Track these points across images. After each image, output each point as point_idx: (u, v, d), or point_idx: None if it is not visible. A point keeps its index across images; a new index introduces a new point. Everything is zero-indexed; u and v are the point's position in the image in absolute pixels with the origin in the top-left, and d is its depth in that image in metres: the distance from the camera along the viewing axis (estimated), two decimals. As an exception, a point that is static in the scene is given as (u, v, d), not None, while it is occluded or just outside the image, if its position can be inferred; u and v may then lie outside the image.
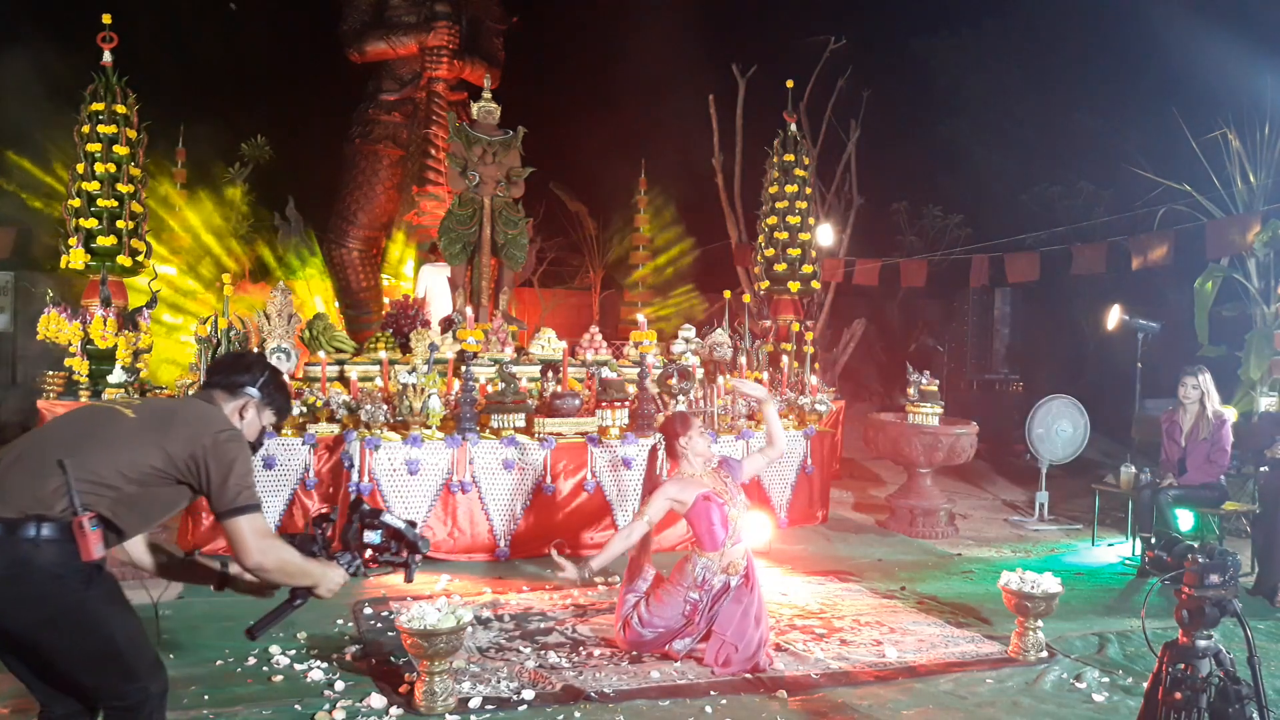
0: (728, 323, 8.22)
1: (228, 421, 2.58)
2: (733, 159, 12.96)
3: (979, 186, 14.87)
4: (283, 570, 2.51)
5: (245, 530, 2.42)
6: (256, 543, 2.43)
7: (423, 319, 7.73)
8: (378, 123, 10.85)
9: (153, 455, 2.40)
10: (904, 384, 7.66)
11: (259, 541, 2.44)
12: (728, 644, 4.12)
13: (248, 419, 2.67)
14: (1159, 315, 8.70)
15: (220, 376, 2.70)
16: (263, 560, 2.45)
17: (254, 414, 2.69)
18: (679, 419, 4.39)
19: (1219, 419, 6.13)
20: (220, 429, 2.50)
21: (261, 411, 2.71)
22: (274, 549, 2.48)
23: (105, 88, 7.15)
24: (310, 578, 2.58)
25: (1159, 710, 2.62)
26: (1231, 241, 8.27)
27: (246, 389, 2.67)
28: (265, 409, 2.71)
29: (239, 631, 2.96)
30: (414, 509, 6.00)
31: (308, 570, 2.57)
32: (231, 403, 2.66)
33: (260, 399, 2.69)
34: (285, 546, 2.53)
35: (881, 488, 9.16)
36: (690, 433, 4.31)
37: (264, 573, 2.49)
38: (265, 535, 2.47)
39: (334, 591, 2.62)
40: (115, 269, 7.19)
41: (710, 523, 4.19)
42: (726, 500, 4.24)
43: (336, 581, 2.64)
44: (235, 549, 2.44)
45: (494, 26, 11.27)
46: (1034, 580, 4.33)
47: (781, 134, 9.57)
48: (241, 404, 2.66)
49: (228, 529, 2.43)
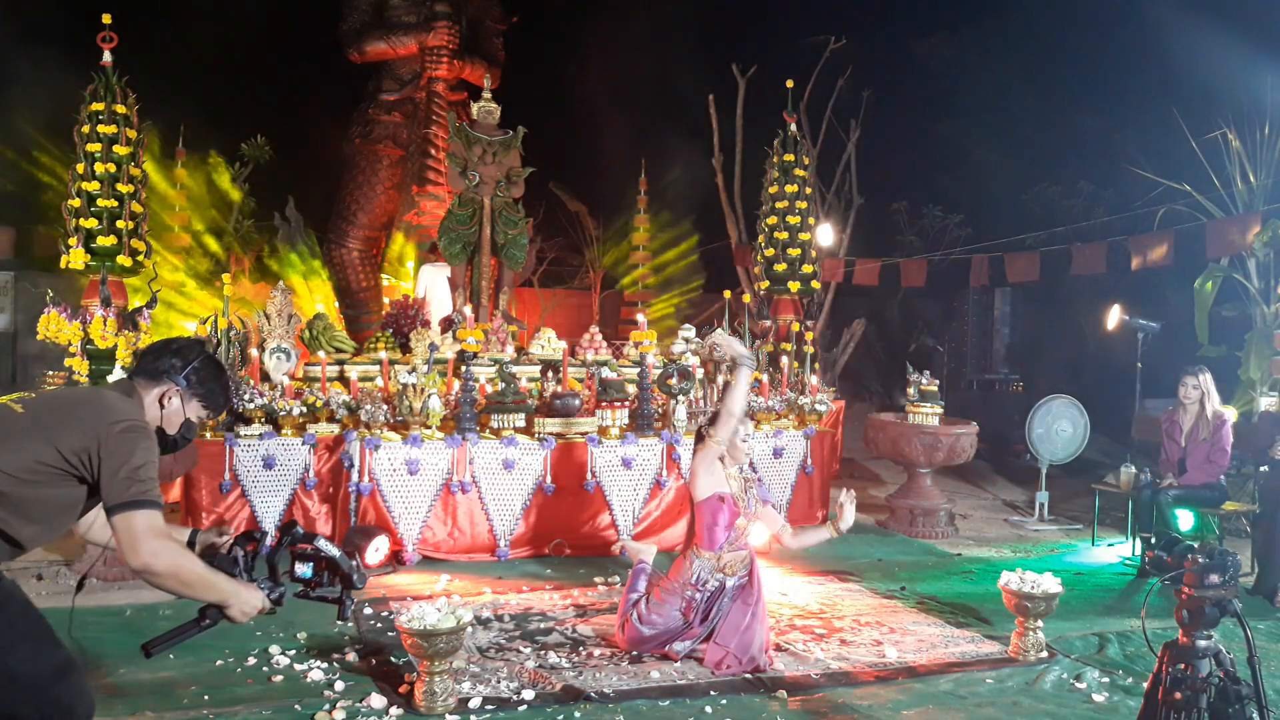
0: (728, 323, 8.22)
1: (130, 412, 2.33)
2: (733, 159, 12.96)
3: (979, 186, 14.86)
4: (177, 577, 2.19)
5: (137, 527, 2.16)
6: (148, 543, 2.15)
7: (423, 319, 7.73)
8: (378, 123, 10.85)
9: (42, 451, 2.21)
10: (904, 384, 7.66)
11: (151, 542, 2.16)
12: (728, 646, 4.11)
13: (169, 409, 2.44)
14: (1159, 315, 8.71)
15: (147, 361, 2.47)
16: (152, 562, 2.15)
17: (178, 404, 2.45)
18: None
19: (1219, 419, 6.13)
20: (119, 419, 2.27)
21: (187, 402, 2.47)
22: (168, 552, 2.18)
23: (105, 88, 7.15)
24: (216, 593, 2.26)
25: (1159, 710, 2.62)
26: (1231, 241, 8.27)
27: (170, 376, 2.44)
28: (191, 399, 2.47)
29: (238, 631, 2.97)
30: (414, 509, 6.00)
31: (212, 584, 2.25)
32: (153, 390, 2.43)
33: (185, 387, 2.45)
34: (185, 553, 2.26)
35: (881, 488, 9.16)
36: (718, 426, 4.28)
37: (154, 577, 2.17)
38: (160, 536, 2.19)
39: (250, 615, 2.31)
40: (115, 269, 7.19)
41: (714, 522, 4.20)
42: (740, 508, 4.24)
43: (252, 605, 2.31)
44: (121, 548, 2.17)
45: (494, 26, 11.27)
46: (1034, 580, 4.33)
47: (781, 134, 9.57)
48: (163, 391, 2.43)
49: (115, 525, 2.18)
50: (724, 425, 4.14)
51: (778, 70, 10.45)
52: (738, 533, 4.23)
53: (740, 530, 4.23)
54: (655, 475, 6.53)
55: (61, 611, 4.72)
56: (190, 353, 2.49)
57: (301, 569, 2.42)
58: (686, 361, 7.12)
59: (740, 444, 4.30)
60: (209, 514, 5.92)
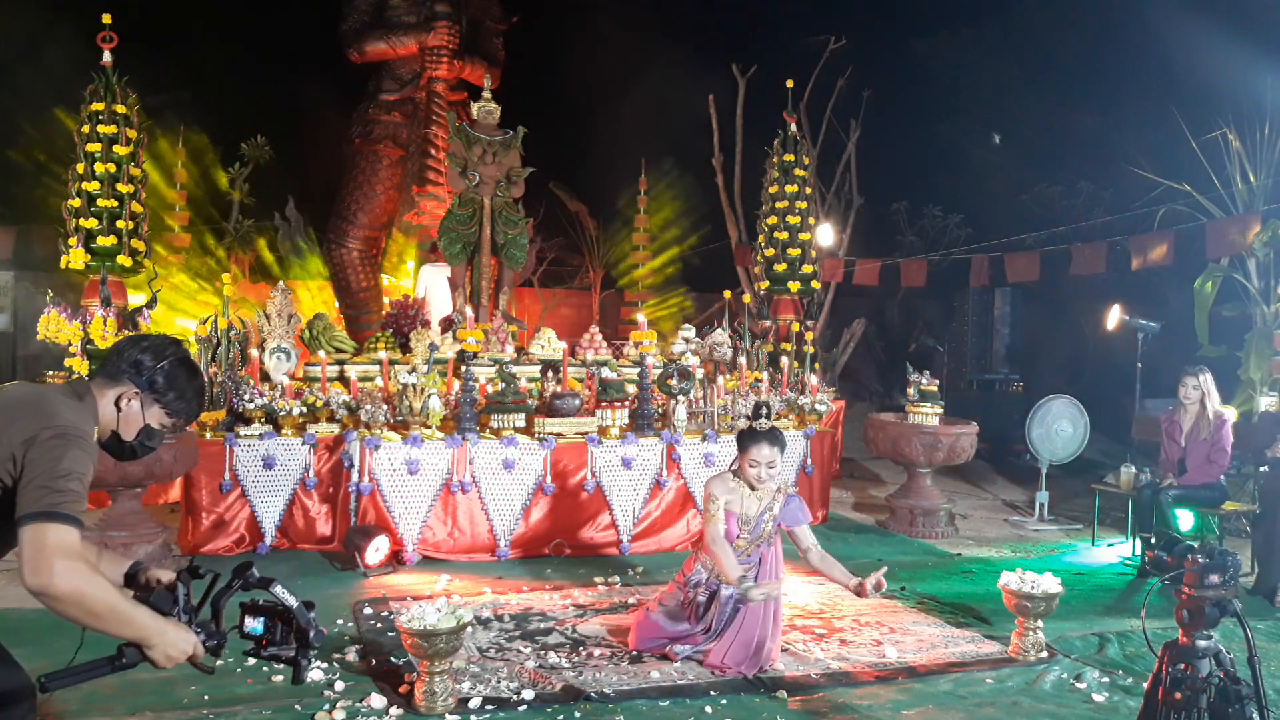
0: (728, 323, 8.22)
1: (69, 417, 2.05)
2: (733, 159, 12.97)
3: (979, 186, 14.87)
4: (81, 604, 1.85)
5: (47, 540, 1.85)
6: (55, 560, 1.84)
7: (423, 319, 7.73)
8: (378, 123, 10.85)
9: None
10: (904, 384, 7.66)
11: (58, 560, 1.84)
12: (727, 648, 4.11)
13: (126, 412, 2.19)
14: (1159, 315, 8.71)
15: (109, 359, 2.23)
16: (54, 583, 1.82)
17: (136, 407, 2.19)
18: (749, 436, 4.16)
19: (1219, 419, 6.13)
20: (53, 424, 2.00)
21: (147, 406, 2.21)
22: (76, 574, 1.84)
23: (105, 88, 7.15)
24: (133, 629, 1.92)
25: (1159, 710, 2.62)
26: (1231, 241, 8.27)
27: (130, 376, 2.19)
28: (153, 404, 2.22)
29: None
30: (414, 509, 6.00)
31: (127, 618, 1.91)
32: (111, 390, 2.18)
33: (147, 390, 2.20)
34: (97, 579, 1.89)
35: (881, 488, 9.16)
36: (747, 457, 4.14)
37: (54, 601, 1.84)
38: (71, 556, 1.86)
39: (175, 660, 1.97)
40: (115, 269, 7.19)
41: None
42: (744, 530, 4.16)
43: (179, 648, 1.96)
44: (22, 562, 1.86)
45: (494, 26, 11.27)
46: (1034, 580, 4.32)
47: (781, 134, 9.57)
48: (120, 393, 2.18)
49: (22, 537, 1.87)
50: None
51: (778, 70, 10.46)
52: (743, 552, 4.18)
53: (743, 551, 4.18)
54: (655, 475, 6.53)
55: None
56: (159, 352, 2.23)
57: (251, 624, 2.07)
58: (686, 361, 7.12)
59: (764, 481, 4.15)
60: (209, 514, 5.92)
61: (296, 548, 6.08)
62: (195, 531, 5.92)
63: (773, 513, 4.20)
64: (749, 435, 4.16)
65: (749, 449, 4.13)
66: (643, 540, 6.46)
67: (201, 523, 5.91)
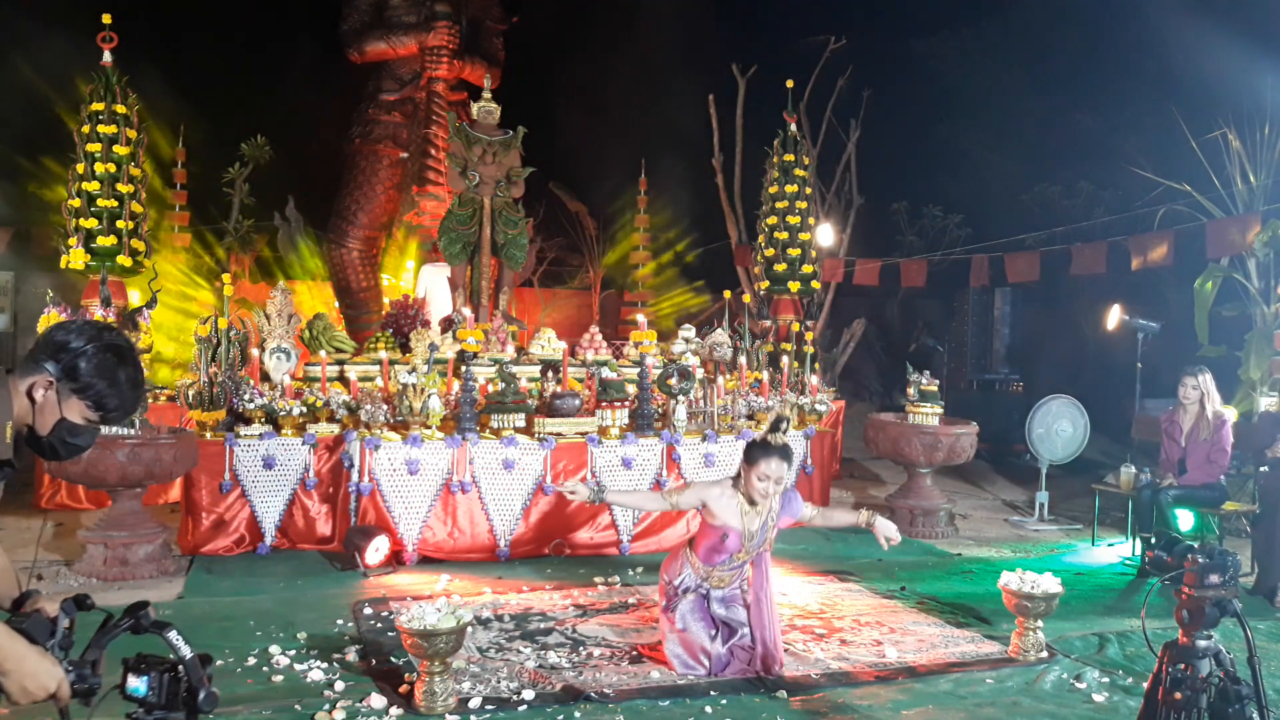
0: (728, 323, 8.22)
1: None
2: (733, 159, 12.97)
3: (979, 186, 14.87)
4: None
5: None
6: None
7: (423, 319, 7.73)
8: (378, 123, 10.85)
9: None
10: (904, 384, 7.66)
11: None
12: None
13: (40, 403, 1.91)
14: (1159, 315, 8.71)
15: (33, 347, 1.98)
16: None
17: (51, 398, 1.91)
18: (761, 450, 3.99)
19: (1219, 419, 6.12)
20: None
21: (64, 399, 1.92)
22: None
23: (105, 88, 7.15)
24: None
25: (1159, 710, 2.62)
26: (1231, 241, 8.27)
27: (43, 364, 1.90)
28: (71, 396, 1.92)
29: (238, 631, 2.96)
30: (414, 509, 6.00)
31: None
32: (26, 379, 1.91)
33: (61, 379, 1.91)
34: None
35: (881, 488, 9.16)
36: (756, 470, 3.98)
37: None
38: None
39: (33, 697, 1.74)
40: (115, 269, 7.19)
41: (714, 548, 4.09)
42: (746, 545, 4.06)
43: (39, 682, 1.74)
44: None
45: (494, 26, 11.28)
46: (1034, 580, 4.32)
47: (781, 134, 9.58)
48: (32, 382, 1.90)
49: None
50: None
51: (778, 70, 10.47)
52: (736, 561, 4.11)
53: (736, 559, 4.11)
54: (655, 475, 6.53)
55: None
56: (80, 337, 1.93)
57: (134, 683, 1.80)
58: (686, 361, 7.12)
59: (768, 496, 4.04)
60: (209, 514, 5.92)
61: (296, 548, 6.08)
62: (195, 531, 5.92)
63: (773, 518, 4.11)
64: (762, 449, 3.96)
65: (759, 462, 3.94)
66: (643, 540, 6.46)
67: (201, 523, 5.91)
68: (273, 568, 5.72)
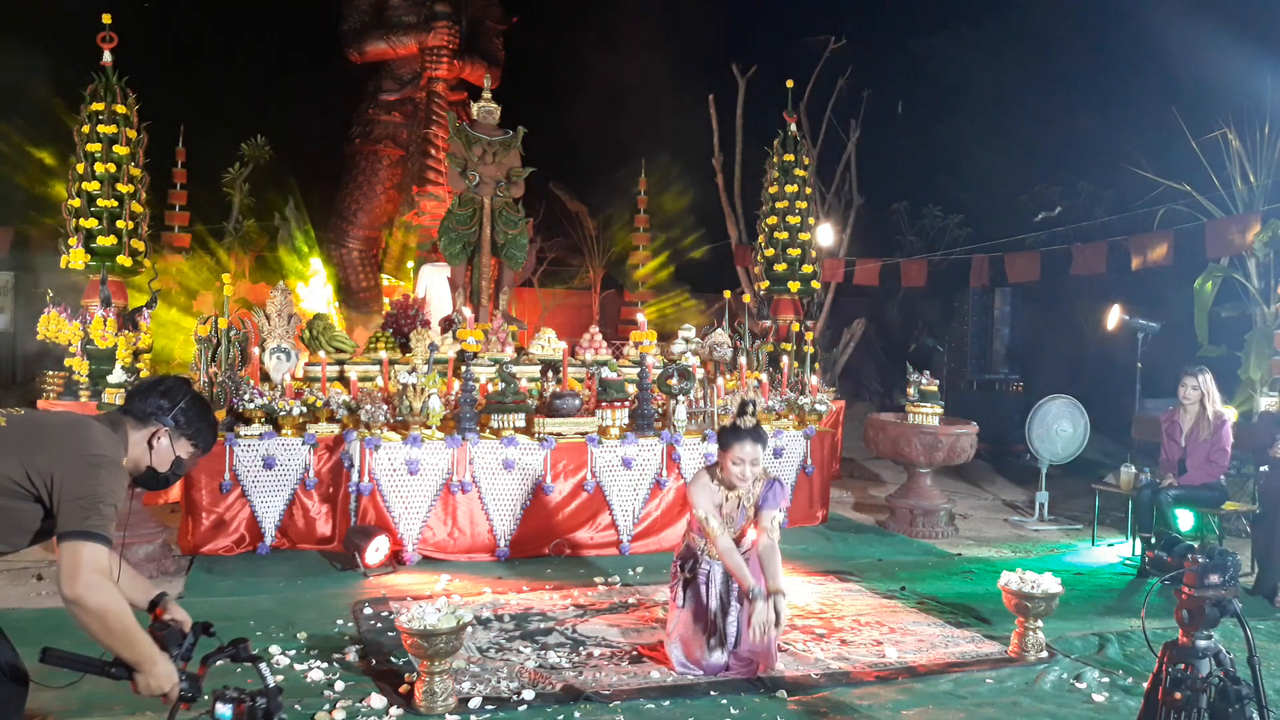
0: (728, 323, 8.22)
1: (107, 446, 2.36)
2: (733, 159, 12.97)
3: (979, 186, 14.87)
4: (103, 620, 2.16)
5: (83, 558, 2.17)
6: (88, 575, 2.16)
7: (423, 319, 7.73)
8: (378, 123, 10.86)
9: (11, 468, 2.25)
10: (904, 384, 7.66)
11: (91, 575, 2.16)
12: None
13: (159, 448, 2.51)
14: (1159, 315, 8.71)
15: (136, 402, 2.54)
16: (86, 595, 2.14)
17: (167, 443, 2.53)
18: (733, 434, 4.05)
19: (1219, 419, 6.12)
20: (93, 451, 2.31)
21: (176, 441, 2.54)
22: (104, 592, 2.17)
23: (105, 88, 7.15)
24: (134, 653, 2.21)
25: (1159, 710, 2.62)
26: (1231, 241, 8.27)
27: (158, 417, 2.51)
28: (180, 438, 2.55)
29: (238, 631, 2.96)
30: (414, 509, 6.00)
31: (134, 642, 2.21)
32: (142, 430, 2.50)
33: (174, 428, 2.52)
34: (121, 601, 2.20)
35: (881, 488, 9.16)
36: (731, 454, 4.03)
37: (81, 612, 2.15)
38: (101, 572, 2.19)
39: (152, 691, 2.23)
40: (115, 269, 7.19)
41: (697, 531, 4.19)
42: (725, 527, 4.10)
43: (160, 684, 2.24)
44: (61, 573, 2.18)
45: (494, 26, 11.29)
46: (1034, 580, 4.32)
47: (781, 134, 9.57)
48: (153, 432, 2.51)
49: (61, 550, 2.20)
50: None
51: (778, 70, 10.46)
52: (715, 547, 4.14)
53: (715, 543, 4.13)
54: (655, 475, 6.53)
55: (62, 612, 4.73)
56: (177, 393, 2.56)
57: (222, 710, 2.19)
58: (686, 361, 7.12)
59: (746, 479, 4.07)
60: (209, 514, 5.92)
61: (296, 548, 6.08)
62: (195, 531, 5.91)
63: (753, 500, 4.12)
64: (733, 433, 4.03)
65: (732, 446, 4.00)
66: (643, 540, 6.46)
67: (201, 523, 5.91)
68: (273, 568, 5.72)
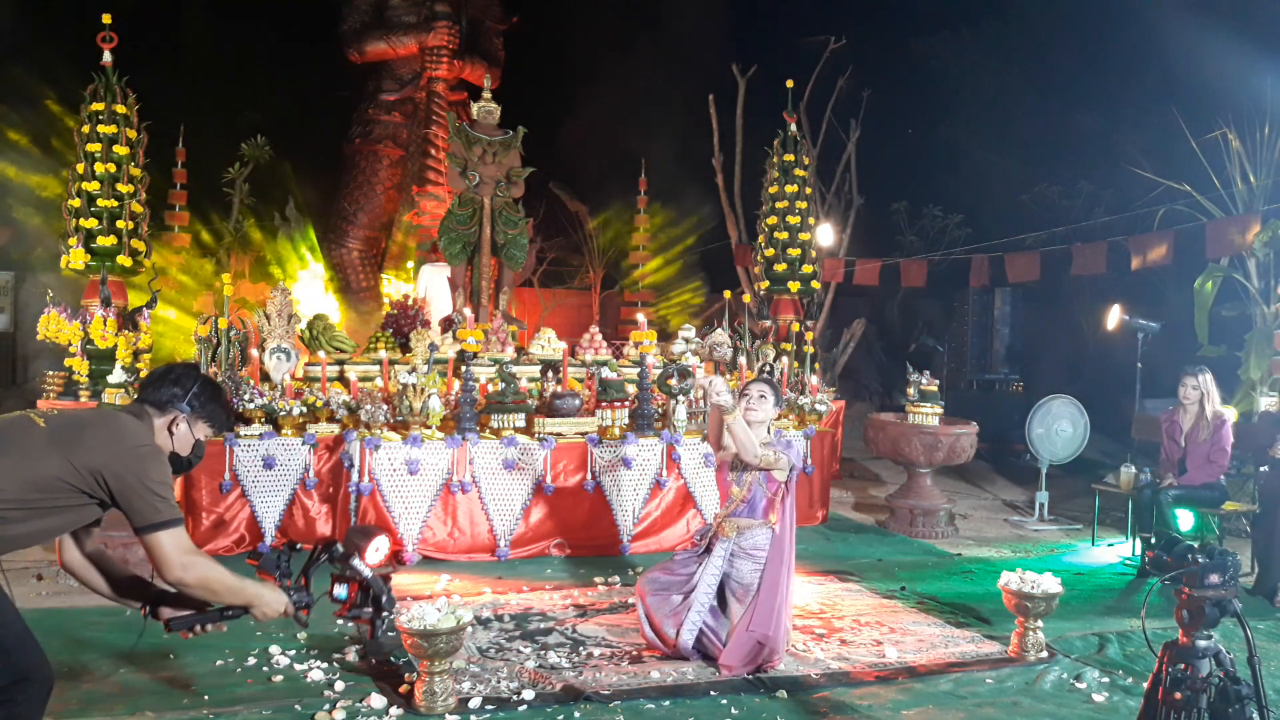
0: (728, 323, 8.22)
1: (145, 436, 2.53)
2: (733, 159, 12.97)
3: (979, 186, 14.87)
4: (205, 587, 2.46)
5: (167, 546, 2.41)
6: (179, 558, 2.42)
7: (423, 319, 7.73)
8: (378, 123, 10.86)
9: (56, 466, 2.37)
10: (904, 384, 7.66)
11: (181, 557, 2.42)
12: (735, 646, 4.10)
13: (179, 433, 2.63)
14: (1159, 315, 8.71)
15: (150, 392, 2.65)
16: (184, 576, 2.42)
17: (185, 428, 2.65)
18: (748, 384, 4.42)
19: (1219, 419, 6.12)
20: (135, 443, 2.47)
21: (194, 424, 2.67)
22: (197, 565, 2.45)
23: (105, 88, 7.15)
24: (241, 597, 2.52)
25: (1159, 710, 2.62)
26: (1231, 241, 8.27)
27: (174, 404, 2.62)
28: (198, 422, 2.68)
29: (238, 631, 2.97)
30: (414, 509, 6.00)
31: (237, 590, 2.51)
32: (161, 418, 2.62)
33: (190, 413, 2.65)
34: (211, 563, 2.49)
35: (881, 488, 9.16)
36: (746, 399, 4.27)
37: (186, 588, 2.46)
38: (188, 551, 2.45)
39: (270, 616, 2.55)
40: (115, 269, 7.19)
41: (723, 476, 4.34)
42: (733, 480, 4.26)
43: (275, 606, 2.55)
44: (157, 565, 2.43)
45: (494, 26, 11.29)
46: (1034, 580, 4.33)
47: (781, 134, 9.57)
48: (171, 419, 2.62)
49: (148, 545, 2.42)
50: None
51: (778, 70, 10.46)
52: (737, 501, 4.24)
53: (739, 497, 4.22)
54: (655, 475, 6.53)
55: (62, 612, 4.74)
56: (188, 380, 2.67)
57: (339, 590, 2.59)
58: (686, 361, 7.12)
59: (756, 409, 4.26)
60: (209, 514, 5.92)
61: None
62: (195, 531, 5.90)
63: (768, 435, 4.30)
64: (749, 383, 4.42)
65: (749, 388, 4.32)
66: (643, 540, 6.46)
67: (201, 522, 5.91)
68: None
